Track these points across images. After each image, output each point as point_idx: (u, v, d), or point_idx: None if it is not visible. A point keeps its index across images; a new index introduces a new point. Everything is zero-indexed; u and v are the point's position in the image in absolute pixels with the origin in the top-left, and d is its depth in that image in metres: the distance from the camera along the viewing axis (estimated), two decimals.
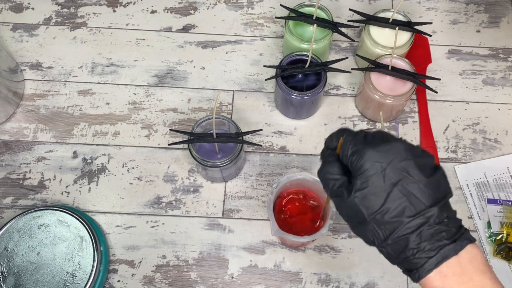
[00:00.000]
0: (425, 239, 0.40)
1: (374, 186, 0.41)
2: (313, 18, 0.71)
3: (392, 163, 0.41)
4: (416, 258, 0.41)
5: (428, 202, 0.41)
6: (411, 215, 0.41)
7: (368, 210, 0.41)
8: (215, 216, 0.71)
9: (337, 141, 0.46)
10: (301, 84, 0.71)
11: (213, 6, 0.85)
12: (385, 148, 0.42)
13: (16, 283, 0.62)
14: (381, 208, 0.41)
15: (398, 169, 0.41)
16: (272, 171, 0.74)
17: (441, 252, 0.40)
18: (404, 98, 0.69)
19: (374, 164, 0.42)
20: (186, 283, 0.68)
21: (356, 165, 0.42)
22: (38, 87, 0.79)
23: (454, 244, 0.40)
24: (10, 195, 0.72)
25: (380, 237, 0.42)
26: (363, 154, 0.42)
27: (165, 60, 0.81)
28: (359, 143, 0.43)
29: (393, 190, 0.41)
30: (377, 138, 0.43)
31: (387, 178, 0.41)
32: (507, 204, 0.71)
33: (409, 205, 0.41)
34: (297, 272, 0.68)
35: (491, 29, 0.84)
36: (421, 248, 0.40)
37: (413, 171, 0.41)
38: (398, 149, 0.42)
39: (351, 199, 0.42)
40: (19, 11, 0.84)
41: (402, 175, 0.41)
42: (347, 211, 0.43)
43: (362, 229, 0.43)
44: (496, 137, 0.76)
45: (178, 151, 0.75)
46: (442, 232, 0.41)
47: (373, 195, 0.41)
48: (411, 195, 0.41)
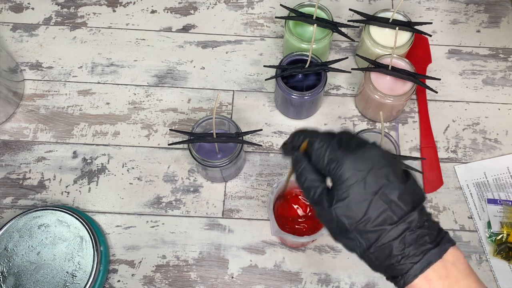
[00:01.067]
0: (409, 244, 0.40)
1: (355, 196, 0.41)
2: (313, 18, 0.71)
3: (372, 171, 0.41)
4: (401, 264, 0.40)
5: (407, 207, 0.40)
6: (393, 222, 0.40)
7: (349, 220, 0.41)
8: (215, 216, 0.71)
9: (303, 141, 0.45)
10: (301, 84, 0.71)
11: (213, 6, 0.85)
12: (363, 155, 0.41)
13: (16, 283, 0.62)
14: (363, 217, 0.40)
15: (379, 176, 0.41)
16: (272, 171, 0.74)
17: (426, 256, 0.40)
18: (404, 98, 0.69)
19: (354, 172, 0.41)
20: (186, 283, 0.68)
21: (335, 173, 0.42)
22: (38, 87, 0.79)
23: (438, 248, 0.40)
24: (10, 195, 0.72)
25: (362, 246, 0.41)
26: (342, 162, 0.41)
27: (165, 60, 0.81)
28: (335, 149, 0.42)
29: (374, 198, 0.40)
30: (353, 144, 0.43)
31: (367, 187, 0.40)
32: (507, 204, 0.70)
33: (391, 213, 0.40)
34: (297, 272, 0.68)
35: (491, 29, 0.84)
36: (405, 254, 0.40)
37: (392, 178, 0.41)
38: (376, 155, 0.42)
39: (333, 209, 0.41)
40: (19, 11, 0.84)
41: (382, 183, 0.41)
42: (328, 220, 0.43)
43: (344, 238, 0.42)
44: (496, 137, 0.76)
45: (178, 151, 0.75)
46: (424, 236, 0.40)
47: (354, 205, 0.41)
48: (392, 203, 0.40)
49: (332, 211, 0.41)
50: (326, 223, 0.43)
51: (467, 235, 0.70)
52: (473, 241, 0.70)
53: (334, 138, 0.44)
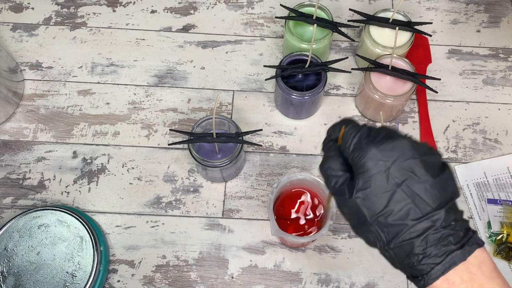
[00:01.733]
0: (431, 244, 0.38)
1: (376, 186, 0.39)
2: (313, 18, 0.71)
3: (397, 162, 0.39)
4: (422, 264, 0.38)
5: (434, 204, 0.39)
6: (416, 218, 0.38)
7: (370, 211, 0.39)
8: (215, 216, 0.71)
9: (339, 131, 0.43)
10: (301, 84, 0.71)
11: (213, 6, 0.85)
12: (389, 146, 0.40)
13: (16, 283, 0.62)
14: (384, 209, 0.39)
15: (403, 168, 0.39)
16: (272, 171, 0.74)
17: (448, 258, 0.38)
18: (404, 98, 0.69)
19: (377, 162, 0.39)
20: (186, 283, 0.68)
21: (358, 162, 0.40)
22: (38, 87, 0.79)
23: (462, 250, 0.38)
24: (10, 195, 0.72)
25: (382, 240, 0.40)
26: (366, 152, 0.40)
27: (165, 60, 0.81)
28: (362, 138, 0.41)
29: (397, 191, 0.39)
30: (381, 135, 0.41)
31: (390, 178, 0.39)
32: (507, 204, 0.70)
33: (414, 207, 0.38)
34: (297, 272, 0.68)
35: (491, 29, 0.84)
36: (427, 253, 0.38)
37: (419, 170, 0.39)
38: (403, 147, 0.40)
39: (353, 199, 0.40)
40: (19, 11, 0.84)
41: (407, 175, 0.39)
42: (349, 211, 0.41)
43: (364, 230, 0.41)
44: (496, 137, 0.76)
45: (178, 151, 0.75)
46: (449, 236, 0.38)
47: (375, 196, 0.39)
48: (417, 197, 0.38)
49: (353, 201, 0.40)
50: (347, 215, 0.42)
51: None
52: None
53: (364, 127, 0.42)
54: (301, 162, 0.74)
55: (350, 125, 0.43)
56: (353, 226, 0.42)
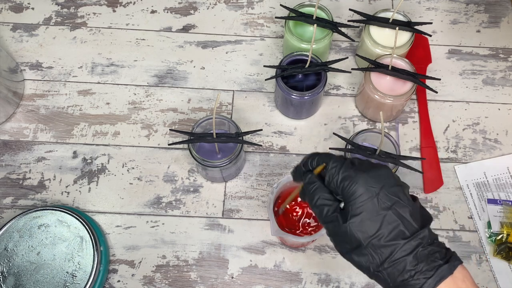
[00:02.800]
0: (422, 260, 0.41)
1: (369, 211, 0.42)
2: (313, 18, 0.71)
3: (384, 188, 0.43)
4: (414, 279, 0.41)
5: (418, 225, 0.43)
6: (406, 237, 0.42)
7: (364, 235, 0.42)
8: (215, 216, 0.71)
9: (318, 164, 0.47)
10: (301, 84, 0.71)
11: (213, 6, 0.85)
12: (375, 173, 0.44)
13: (16, 283, 0.62)
14: (378, 232, 0.42)
15: (390, 193, 0.43)
16: (272, 171, 0.74)
17: (438, 272, 0.41)
18: (404, 98, 0.69)
19: (367, 189, 0.43)
20: (186, 283, 0.68)
21: (348, 190, 0.44)
22: (38, 87, 0.79)
23: (448, 264, 0.42)
24: (10, 195, 0.72)
25: (376, 262, 0.42)
26: (356, 179, 0.43)
27: (165, 60, 0.81)
28: (348, 168, 0.45)
29: (387, 214, 0.42)
30: (365, 164, 0.45)
31: (380, 203, 0.43)
32: (507, 204, 0.70)
33: (403, 228, 0.42)
34: (297, 272, 0.68)
35: (491, 29, 0.84)
36: (418, 269, 0.41)
37: (402, 196, 0.43)
38: (387, 175, 0.44)
39: (347, 225, 0.43)
40: (19, 11, 0.84)
41: (394, 200, 0.43)
42: (342, 237, 0.44)
43: (356, 255, 0.44)
44: (496, 137, 0.76)
45: (178, 151, 0.75)
46: (435, 252, 0.42)
47: (368, 220, 0.42)
48: (404, 218, 0.42)
49: (347, 227, 0.43)
50: (339, 241, 0.45)
51: (467, 235, 0.70)
52: (473, 241, 0.70)
53: (347, 160, 0.46)
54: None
55: (333, 158, 0.46)
56: (344, 252, 0.45)
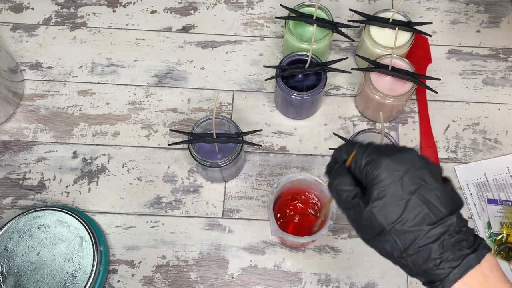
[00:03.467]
0: (448, 249, 0.40)
1: (392, 195, 0.41)
2: (313, 18, 0.71)
3: (409, 172, 0.41)
4: (440, 269, 0.40)
5: (446, 211, 0.40)
6: (432, 223, 0.40)
7: (387, 220, 0.41)
8: (215, 216, 0.71)
9: (347, 154, 0.45)
10: (301, 84, 0.71)
11: (213, 6, 0.85)
12: (400, 157, 0.42)
13: (16, 283, 0.62)
14: (401, 217, 0.40)
15: (415, 177, 0.41)
16: (272, 171, 0.74)
17: (464, 261, 0.39)
18: (404, 98, 0.69)
19: (391, 172, 0.41)
20: (186, 283, 0.68)
21: (372, 174, 0.42)
22: (38, 87, 0.79)
23: (476, 253, 0.40)
24: (10, 195, 0.72)
25: (399, 248, 0.41)
26: (379, 163, 0.42)
27: (165, 60, 0.81)
28: (373, 152, 0.43)
29: (411, 198, 0.40)
30: (391, 148, 0.43)
31: (404, 187, 0.41)
32: (507, 204, 0.70)
33: (429, 213, 0.40)
34: (297, 272, 0.68)
35: (491, 29, 0.84)
36: (444, 258, 0.40)
37: (429, 179, 0.41)
38: (413, 157, 0.42)
39: (369, 210, 0.41)
40: (19, 11, 0.84)
41: (419, 183, 0.41)
42: (364, 223, 0.42)
43: (379, 241, 0.42)
44: (496, 137, 0.76)
45: (178, 151, 0.75)
46: (462, 241, 0.40)
47: (391, 204, 0.41)
48: (430, 203, 0.40)
49: (369, 212, 0.41)
50: (361, 227, 0.43)
51: None
52: None
53: (372, 144, 0.45)
54: (301, 162, 0.74)
55: (358, 144, 0.45)
56: (367, 239, 0.43)
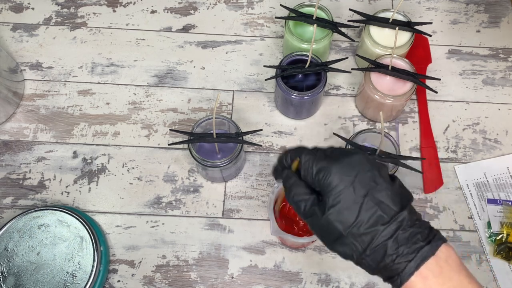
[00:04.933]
0: (402, 243, 0.41)
1: (346, 200, 0.42)
2: (313, 18, 0.71)
3: (359, 176, 0.43)
4: (396, 263, 0.41)
5: (397, 208, 0.42)
6: (385, 222, 0.42)
7: (343, 225, 0.42)
8: (215, 216, 0.71)
9: (292, 160, 0.47)
10: (301, 84, 0.71)
11: (213, 6, 0.85)
12: (348, 161, 0.44)
13: (16, 283, 0.62)
14: (356, 220, 0.42)
15: (365, 180, 0.43)
16: None
17: (419, 254, 0.41)
18: (404, 98, 0.69)
19: (342, 178, 0.43)
20: (186, 283, 0.68)
21: (324, 182, 0.43)
22: (38, 87, 0.79)
23: (430, 245, 0.41)
24: (10, 195, 0.72)
25: (358, 250, 0.42)
26: (330, 170, 0.43)
27: (165, 60, 0.81)
28: (321, 160, 0.45)
29: (364, 201, 0.42)
30: (337, 153, 0.45)
31: (357, 191, 0.42)
32: (507, 204, 0.71)
33: (382, 213, 0.42)
34: (297, 272, 0.68)
35: (491, 29, 0.84)
36: (399, 252, 0.41)
37: (379, 180, 0.43)
38: (360, 160, 0.44)
39: (325, 217, 0.43)
40: (19, 11, 0.84)
41: (370, 186, 0.43)
42: (322, 229, 0.44)
43: (339, 245, 0.43)
44: (496, 137, 0.76)
45: (178, 151, 0.75)
46: (417, 234, 0.42)
47: (346, 209, 0.42)
48: (382, 203, 0.42)
49: (326, 218, 0.43)
50: (321, 233, 0.45)
51: (467, 235, 0.70)
52: (473, 241, 0.70)
53: (319, 151, 0.46)
54: None
55: (305, 152, 0.46)
56: (327, 244, 0.45)
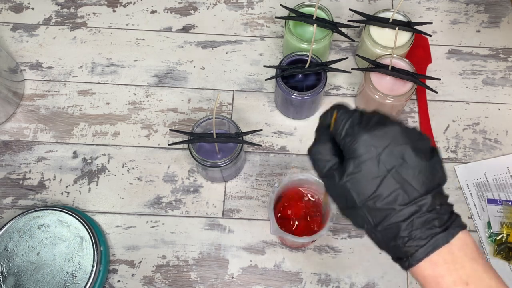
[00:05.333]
0: (417, 228, 0.39)
1: (367, 172, 0.40)
2: (313, 18, 0.71)
3: (388, 148, 0.40)
4: (407, 246, 0.40)
5: (422, 190, 0.40)
6: (404, 203, 0.39)
7: (359, 195, 0.40)
8: (215, 216, 0.71)
9: (331, 117, 0.44)
10: (301, 84, 0.71)
11: (213, 6, 0.85)
12: (381, 132, 0.40)
13: (16, 283, 0.62)
14: (373, 194, 0.40)
15: (394, 154, 0.40)
16: (272, 171, 0.74)
17: (432, 240, 0.39)
18: (404, 98, 0.69)
19: (369, 148, 0.40)
20: (186, 283, 0.68)
21: (349, 148, 0.41)
22: (38, 87, 0.79)
23: (446, 232, 0.39)
24: (10, 195, 0.72)
25: (370, 223, 0.41)
26: (358, 138, 0.40)
27: (165, 60, 0.81)
28: (354, 124, 0.42)
29: (387, 176, 0.40)
30: (373, 120, 0.42)
31: (381, 164, 0.40)
32: (507, 204, 0.71)
33: (403, 193, 0.40)
34: (297, 272, 0.68)
35: (491, 29, 0.84)
36: (412, 236, 0.39)
37: (409, 156, 0.40)
38: (395, 133, 0.41)
39: (342, 183, 0.41)
40: (19, 11, 0.84)
41: (398, 161, 0.40)
42: (337, 193, 0.42)
43: (352, 213, 0.42)
44: (496, 137, 0.76)
45: (178, 151, 0.75)
46: (434, 220, 0.40)
47: (365, 181, 0.40)
48: (405, 183, 0.40)
49: (342, 185, 0.41)
50: (336, 198, 0.43)
51: None
52: None
53: (356, 113, 0.43)
54: (301, 162, 0.74)
55: (342, 110, 0.43)
56: (341, 208, 0.43)
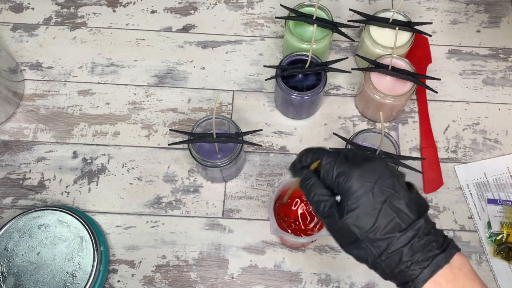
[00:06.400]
0: (418, 251, 0.42)
1: (364, 206, 0.43)
2: (313, 18, 0.71)
3: (379, 182, 0.43)
4: (411, 270, 0.42)
5: (414, 216, 0.43)
6: (402, 229, 0.42)
7: (360, 230, 0.43)
8: (215, 216, 0.71)
9: (312, 160, 0.47)
10: (301, 84, 0.71)
11: (213, 6, 0.85)
12: (369, 167, 0.44)
13: (16, 283, 0.62)
14: (374, 226, 0.42)
15: (385, 187, 0.43)
16: (272, 171, 0.74)
17: (434, 261, 0.42)
18: (404, 98, 0.69)
19: (362, 184, 0.43)
20: (186, 283, 0.68)
21: (344, 186, 0.44)
22: (38, 87, 0.79)
23: (445, 253, 0.42)
24: (10, 195, 0.72)
25: (374, 255, 0.43)
26: (350, 175, 0.44)
27: (165, 60, 0.81)
28: (342, 163, 0.45)
29: (382, 207, 0.43)
30: (359, 158, 0.45)
31: (376, 197, 0.43)
32: (507, 204, 0.71)
33: (399, 221, 0.42)
34: (297, 272, 0.68)
35: (491, 29, 0.84)
36: (414, 259, 0.42)
37: (398, 188, 0.43)
38: (381, 167, 0.44)
39: (343, 220, 0.43)
40: (19, 11, 0.84)
41: (390, 193, 0.43)
42: (339, 232, 0.45)
43: (355, 248, 0.44)
44: (496, 137, 0.76)
45: (178, 151, 0.75)
46: (432, 242, 0.42)
47: (364, 215, 0.43)
48: (400, 211, 0.43)
49: (344, 222, 0.43)
50: (337, 235, 0.46)
51: (467, 235, 0.70)
52: (473, 241, 0.70)
53: (340, 155, 0.46)
54: None
55: (326, 154, 0.47)
56: (343, 246, 0.46)
